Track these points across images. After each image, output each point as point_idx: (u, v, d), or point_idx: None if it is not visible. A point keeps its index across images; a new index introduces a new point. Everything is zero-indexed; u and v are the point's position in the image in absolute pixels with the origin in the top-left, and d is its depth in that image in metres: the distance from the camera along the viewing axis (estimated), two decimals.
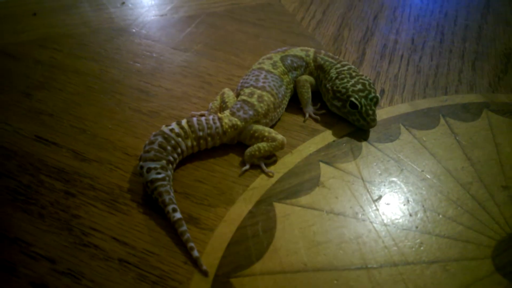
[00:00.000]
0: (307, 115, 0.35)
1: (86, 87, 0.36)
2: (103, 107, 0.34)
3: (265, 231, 0.26)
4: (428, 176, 0.31)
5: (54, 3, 0.45)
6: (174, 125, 0.29)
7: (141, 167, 0.27)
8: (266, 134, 0.31)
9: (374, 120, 0.33)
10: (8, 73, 0.36)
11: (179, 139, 0.29)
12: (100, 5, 0.46)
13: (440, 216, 0.29)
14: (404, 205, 0.29)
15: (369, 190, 0.30)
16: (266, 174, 0.30)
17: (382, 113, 0.36)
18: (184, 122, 0.29)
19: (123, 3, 0.45)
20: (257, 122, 0.32)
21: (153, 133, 0.29)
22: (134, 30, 0.43)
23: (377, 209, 0.29)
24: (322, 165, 0.32)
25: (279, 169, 0.31)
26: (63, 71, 0.37)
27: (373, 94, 0.34)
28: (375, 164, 0.32)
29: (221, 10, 0.48)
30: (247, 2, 0.50)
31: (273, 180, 0.30)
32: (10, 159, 0.30)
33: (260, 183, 0.30)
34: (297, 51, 0.37)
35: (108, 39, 0.41)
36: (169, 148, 0.28)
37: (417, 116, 0.36)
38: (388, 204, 0.29)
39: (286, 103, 0.35)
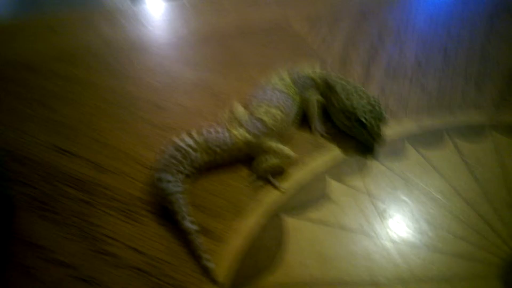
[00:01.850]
0: (316, 133, 0.37)
1: (103, 100, 0.37)
2: (119, 120, 0.35)
3: (276, 244, 0.27)
4: (436, 195, 0.32)
5: (73, 19, 0.47)
6: (187, 137, 0.30)
7: (156, 178, 0.28)
8: (276, 149, 0.32)
9: (382, 138, 0.34)
10: (27, 84, 0.38)
11: (191, 150, 0.30)
12: (118, 24, 0.48)
13: (449, 234, 0.29)
14: (412, 223, 0.30)
15: (377, 207, 0.31)
16: (277, 188, 0.31)
17: (389, 132, 0.37)
18: (195, 134, 0.31)
19: (140, 21, 0.46)
20: (268, 138, 0.33)
21: (167, 145, 0.30)
22: (150, 49, 0.45)
23: (386, 226, 0.29)
24: (330, 181, 0.32)
25: (288, 184, 0.32)
26: (80, 84, 0.38)
27: (380, 113, 0.35)
28: (383, 181, 0.33)
29: (232, 30, 0.50)
30: (257, 23, 0.52)
31: (283, 194, 0.31)
32: (31, 168, 0.31)
33: (271, 197, 0.31)
34: (306, 70, 0.39)
35: (125, 56, 0.43)
36: (182, 159, 0.29)
37: (423, 135, 0.38)
38: (397, 221, 0.30)
39: (296, 120, 0.36)
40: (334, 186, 0.32)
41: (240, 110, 0.35)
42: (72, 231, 0.27)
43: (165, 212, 0.28)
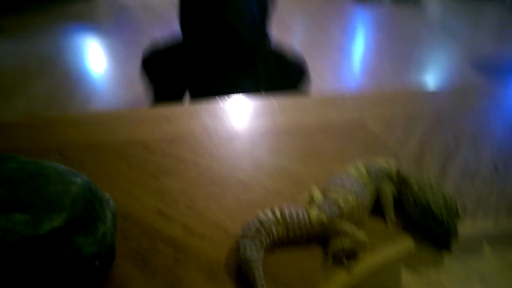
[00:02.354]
0: (389, 222, 0.38)
1: (200, 176, 0.44)
2: (211, 193, 0.41)
3: None
4: None
5: (182, 111, 0.58)
6: (268, 212, 0.34)
7: (239, 246, 0.32)
8: (350, 232, 0.34)
9: (456, 233, 0.35)
10: (143, 160, 0.46)
11: (272, 225, 0.34)
12: (216, 116, 0.57)
13: None
14: None
15: None
16: (348, 270, 0.33)
17: (465, 229, 0.38)
18: (277, 211, 0.35)
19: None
20: (342, 221, 0.35)
21: (251, 218, 0.34)
22: (241, 136, 0.52)
23: None
24: (403, 270, 0.33)
25: (360, 268, 0.33)
26: (183, 162, 0.46)
27: (455, 209, 0.36)
28: (458, 278, 0.32)
29: (313, 126, 0.56)
30: (336, 122, 0.58)
31: (354, 277, 0.32)
32: (134, 224, 0.37)
33: (342, 278, 0.32)
34: (381, 162, 0.42)
35: (220, 143, 0.50)
36: (263, 231, 0.33)
37: (502, 236, 0.37)
38: None
39: (370, 208, 0.39)
40: (407, 276, 0.32)
41: (317, 193, 0.39)
42: (161, 283, 0.31)
43: (243, 277, 0.31)
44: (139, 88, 2.24)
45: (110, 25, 3.57)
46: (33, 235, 0.23)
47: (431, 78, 2.61)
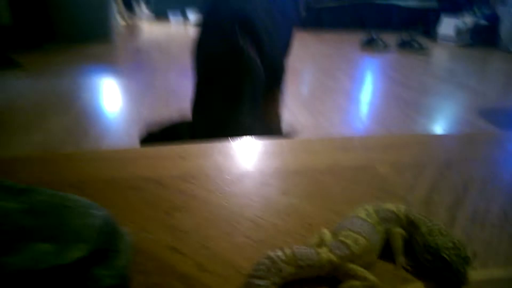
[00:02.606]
0: (399, 265, 0.38)
1: (211, 213, 0.45)
2: (222, 230, 0.42)
3: None
4: None
5: (196, 150, 0.60)
6: (279, 251, 0.35)
7: (250, 283, 0.33)
8: (360, 273, 0.34)
9: (466, 279, 0.35)
10: (157, 197, 0.48)
11: (283, 264, 0.34)
12: (228, 154, 0.59)
13: None
14: None
15: None
16: None
17: (474, 275, 0.38)
18: (288, 250, 0.35)
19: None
20: (352, 262, 0.36)
21: (261, 256, 0.35)
22: (252, 175, 0.53)
23: None
24: None
25: None
26: (196, 199, 0.47)
27: (464, 253, 0.36)
28: None
29: (322, 167, 0.58)
30: (345, 163, 0.59)
31: None
32: (147, 259, 0.37)
33: None
34: (390, 205, 0.43)
35: (232, 181, 0.52)
36: (273, 270, 0.34)
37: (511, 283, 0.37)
38: None
39: (379, 250, 0.39)
40: None
41: (326, 233, 0.39)
42: None
43: None
44: None
45: (126, 66, 3.73)
46: (58, 264, 0.24)
47: (439, 126, 2.63)
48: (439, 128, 2.58)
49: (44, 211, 0.28)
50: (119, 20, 5.37)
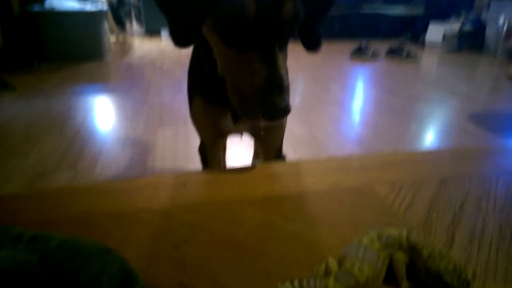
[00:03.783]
0: None
1: (218, 245, 0.46)
2: (229, 262, 0.43)
3: None
4: None
5: (200, 177, 0.61)
6: (287, 283, 0.36)
7: None
8: None
9: None
10: (163, 229, 0.48)
11: None
12: (230, 183, 0.60)
13: None
14: None
15: None
16: None
17: None
18: (295, 282, 0.36)
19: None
20: None
21: None
22: (256, 202, 0.55)
23: None
24: None
25: None
26: (201, 230, 0.48)
27: (464, 276, 0.37)
28: None
29: (322, 190, 0.59)
30: (344, 186, 0.61)
31: None
32: None
33: None
34: (391, 230, 0.44)
35: (236, 209, 0.53)
36: None
37: None
38: None
39: (383, 276, 0.40)
40: None
41: (332, 262, 0.40)
42: None
43: None
44: (146, 143, 2.29)
45: (119, 83, 3.73)
46: None
47: (430, 132, 2.67)
48: (430, 134, 2.62)
49: (58, 260, 0.29)
50: (110, 37, 5.39)
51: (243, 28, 0.59)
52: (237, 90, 0.63)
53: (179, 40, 0.64)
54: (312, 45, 0.75)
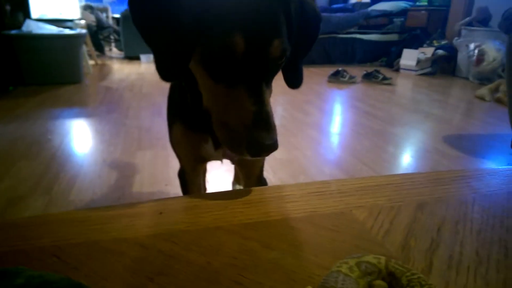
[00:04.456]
0: None
1: (195, 276, 0.44)
2: None
3: None
4: None
5: (176, 204, 0.60)
6: None
7: None
8: None
9: None
10: (138, 260, 0.47)
11: None
12: (208, 208, 0.59)
13: None
14: None
15: None
16: None
17: None
18: None
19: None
20: None
21: None
22: (233, 229, 0.54)
23: None
24: None
25: None
26: (178, 260, 0.47)
27: None
28: None
29: (301, 215, 0.59)
30: (323, 211, 0.60)
31: None
32: None
33: None
34: (370, 258, 0.44)
35: (212, 237, 0.52)
36: None
37: None
38: None
39: None
40: None
41: None
42: None
43: None
44: (124, 167, 2.25)
45: (97, 106, 3.69)
46: None
47: (407, 154, 2.73)
48: (407, 156, 2.67)
49: None
50: (89, 61, 5.36)
51: (232, 65, 0.60)
52: (224, 124, 0.63)
53: (165, 76, 0.64)
54: (294, 82, 0.77)
